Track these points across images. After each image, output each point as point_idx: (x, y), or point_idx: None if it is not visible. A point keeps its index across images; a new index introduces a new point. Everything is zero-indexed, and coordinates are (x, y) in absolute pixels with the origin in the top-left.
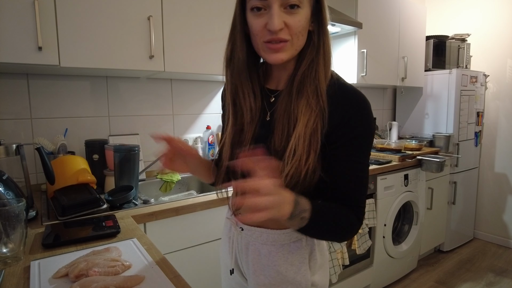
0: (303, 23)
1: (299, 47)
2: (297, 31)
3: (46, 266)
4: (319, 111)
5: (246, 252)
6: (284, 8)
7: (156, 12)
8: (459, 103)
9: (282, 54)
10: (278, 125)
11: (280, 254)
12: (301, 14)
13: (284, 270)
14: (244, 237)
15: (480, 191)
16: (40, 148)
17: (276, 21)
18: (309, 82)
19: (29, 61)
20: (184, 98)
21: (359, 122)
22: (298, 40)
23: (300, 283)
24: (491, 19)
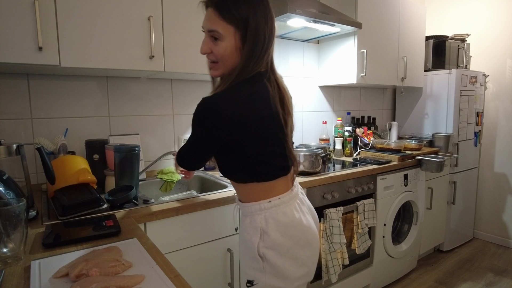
0: (225, 52)
1: (230, 66)
2: (220, 56)
3: (47, 266)
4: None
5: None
6: (211, 37)
7: (156, 12)
8: (459, 103)
9: (214, 71)
10: None
11: (246, 223)
12: (221, 45)
13: (245, 233)
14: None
15: (480, 191)
16: (40, 148)
17: (203, 47)
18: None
19: (29, 61)
20: (184, 98)
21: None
22: (225, 62)
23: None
24: (491, 19)
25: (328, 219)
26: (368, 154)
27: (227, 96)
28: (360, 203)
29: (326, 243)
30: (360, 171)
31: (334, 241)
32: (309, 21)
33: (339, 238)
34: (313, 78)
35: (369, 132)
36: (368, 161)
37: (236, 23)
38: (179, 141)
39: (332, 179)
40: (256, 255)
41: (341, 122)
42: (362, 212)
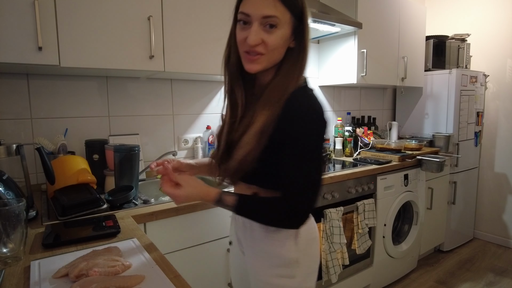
0: (279, 42)
1: (274, 61)
2: (273, 47)
3: (46, 266)
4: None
5: (244, 230)
6: (264, 26)
7: (156, 12)
8: (459, 103)
9: (256, 65)
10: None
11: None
12: (277, 34)
13: (270, 244)
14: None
15: (480, 191)
16: (40, 148)
17: (253, 37)
18: (276, 90)
19: (29, 61)
20: (184, 98)
21: (297, 131)
22: (273, 55)
23: (284, 257)
24: (491, 19)
25: (328, 219)
26: (368, 154)
27: (318, 102)
28: (360, 203)
29: (326, 243)
30: (360, 171)
31: (334, 241)
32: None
33: (339, 238)
34: (313, 78)
35: (369, 132)
36: (368, 161)
37: (293, 10)
38: (179, 141)
39: (332, 179)
40: (286, 261)
41: (341, 122)
42: (362, 212)
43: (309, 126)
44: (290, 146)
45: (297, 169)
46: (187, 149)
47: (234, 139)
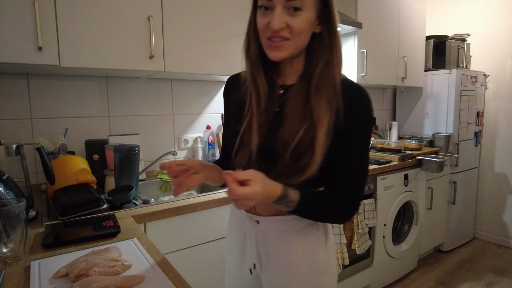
0: (305, 25)
1: (300, 47)
2: (298, 31)
3: (46, 266)
4: (336, 110)
5: (265, 242)
6: (287, 9)
7: (156, 12)
8: (459, 103)
9: (281, 52)
10: (289, 117)
11: (299, 238)
12: (303, 17)
13: (302, 252)
14: (261, 228)
15: (480, 191)
16: (40, 148)
17: (277, 21)
18: (327, 83)
19: (29, 61)
20: (184, 98)
21: (363, 119)
22: (299, 40)
23: (317, 264)
24: (491, 19)
25: None
26: None
27: None
28: (361, 203)
29: None
30: None
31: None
32: None
33: (339, 238)
34: None
35: None
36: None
37: None
38: (179, 141)
39: None
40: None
41: None
42: (362, 212)
43: (370, 117)
44: (350, 138)
45: (355, 160)
46: (187, 149)
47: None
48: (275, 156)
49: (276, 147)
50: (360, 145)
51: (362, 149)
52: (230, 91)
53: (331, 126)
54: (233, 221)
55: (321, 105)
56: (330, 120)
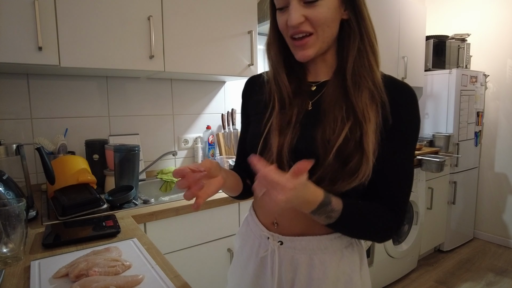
0: (327, 14)
1: (328, 39)
2: (320, 22)
3: (46, 266)
4: (381, 103)
5: (291, 268)
6: (304, 2)
7: (156, 12)
8: (459, 103)
9: (308, 50)
10: (329, 114)
11: (333, 264)
12: (323, 6)
13: (336, 279)
14: (286, 251)
15: (480, 191)
16: (40, 148)
17: (294, 15)
18: (365, 74)
19: (29, 61)
20: (184, 98)
21: (413, 117)
22: (324, 32)
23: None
24: (491, 19)
25: None
26: None
27: None
28: None
29: None
30: None
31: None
32: None
33: None
34: None
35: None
36: None
37: None
38: (179, 141)
39: None
40: None
41: None
42: None
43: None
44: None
45: (403, 166)
46: (187, 149)
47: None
48: (315, 158)
49: (315, 148)
50: (409, 148)
51: (410, 153)
52: (251, 92)
53: (379, 123)
54: (246, 239)
55: (363, 99)
56: (376, 115)
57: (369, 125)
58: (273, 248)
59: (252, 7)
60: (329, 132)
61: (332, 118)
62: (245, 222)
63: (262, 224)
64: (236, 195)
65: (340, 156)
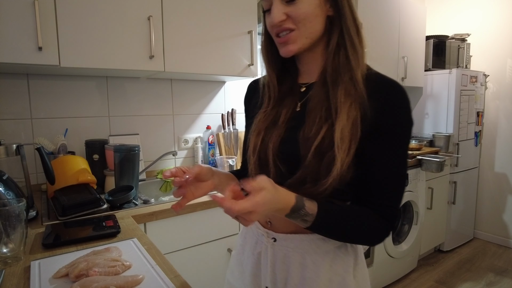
0: (307, 10)
1: (311, 34)
2: (301, 18)
3: (47, 266)
4: (359, 99)
5: (284, 266)
6: (285, 1)
7: (156, 12)
8: (459, 103)
9: (291, 45)
10: (311, 115)
11: (325, 264)
12: (304, 2)
13: (328, 282)
14: (280, 248)
15: (480, 191)
16: (40, 148)
17: (275, 14)
18: (342, 70)
19: (29, 61)
20: (184, 98)
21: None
22: (306, 27)
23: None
24: (491, 19)
25: None
26: None
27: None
28: None
29: None
30: None
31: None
32: None
33: None
34: None
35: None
36: None
37: None
38: (179, 141)
39: None
40: None
41: None
42: None
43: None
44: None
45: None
46: (187, 149)
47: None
48: (297, 158)
49: (297, 148)
50: (397, 148)
51: (399, 153)
52: (252, 96)
53: (356, 118)
54: (245, 236)
55: (338, 94)
56: (350, 110)
57: (338, 121)
58: (266, 245)
59: (252, 7)
60: (308, 132)
61: (313, 118)
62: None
63: (258, 222)
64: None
65: (318, 155)
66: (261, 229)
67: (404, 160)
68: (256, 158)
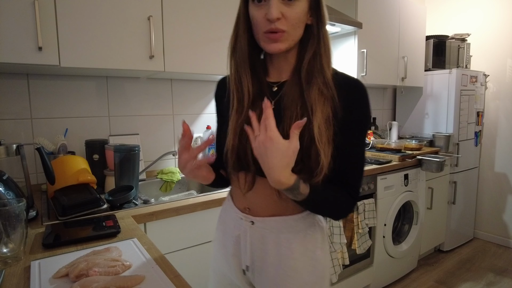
0: (300, 15)
1: (296, 38)
2: (294, 22)
3: (47, 266)
4: (330, 98)
5: (262, 246)
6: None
7: (156, 12)
8: (459, 103)
9: (280, 44)
10: (287, 112)
11: (298, 241)
12: (299, 6)
13: (301, 256)
14: (257, 230)
15: (480, 190)
16: (40, 148)
17: (274, 10)
18: (316, 73)
19: (29, 61)
20: (184, 98)
21: (364, 108)
22: (294, 31)
23: (316, 270)
24: (491, 19)
25: (328, 219)
26: (369, 154)
27: None
28: (361, 203)
29: None
30: None
31: (334, 241)
32: None
33: (339, 238)
34: None
35: (369, 132)
36: (368, 161)
37: None
38: None
39: None
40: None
41: None
42: (362, 212)
43: (369, 109)
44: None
45: (357, 154)
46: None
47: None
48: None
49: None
50: (361, 138)
51: (362, 142)
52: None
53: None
54: (225, 221)
55: (312, 94)
56: (324, 108)
57: (315, 118)
58: (245, 228)
59: None
60: (287, 128)
61: (289, 116)
62: (223, 208)
63: (237, 208)
64: (208, 183)
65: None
66: (240, 214)
67: (364, 147)
68: (235, 157)
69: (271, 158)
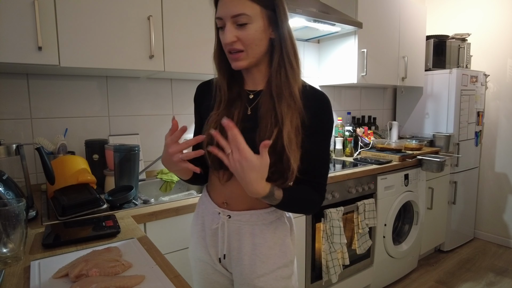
0: (254, 36)
1: (257, 55)
2: (249, 42)
3: (46, 266)
4: (298, 110)
5: (238, 236)
6: (236, 24)
7: (156, 12)
8: (459, 103)
9: (240, 62)
10: (263, 120)
11: (270, 231)
12: (251, 28)
13: (273, 244)
14: (234, 223)
15: (481, 191)
16: (40, 148)
17: (228, 36)
18: (284, 87)
19: (29, 61)
20: (184, 98)
21: (328, 117)
22: (252, 50)
23: (286, 254)
24: (491, 18)
25: (328, 219)
26: (369, 154)
27: None
28: (361, 203)
29: (326, 243)
30: (360, 171)
31: (334, 241)
32: (310, 20)
33: (339, 238)
34: (313, 78)
35: (369, 132)
36: (368, 161)
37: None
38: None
39: (333, 179)
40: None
41: (341, 122)
42: (362, 212)
43: (332, 118)
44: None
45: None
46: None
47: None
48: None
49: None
50: (327, 142)
51: (327, 146)
52: (203, 97)
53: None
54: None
55: (282, 108)
56: (292, 119)
57: (285, 127)
58: (223, 221)
59: None
60: (263, 135)
61: (265, 124)
62: (200, 203)
63: (215, 203)
64: (186, 179)
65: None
66: (218, 208)
67: (329, 149)
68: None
69: (248, 174)
